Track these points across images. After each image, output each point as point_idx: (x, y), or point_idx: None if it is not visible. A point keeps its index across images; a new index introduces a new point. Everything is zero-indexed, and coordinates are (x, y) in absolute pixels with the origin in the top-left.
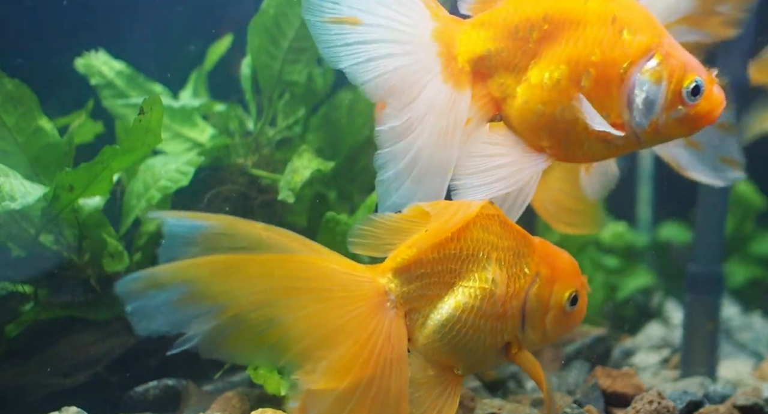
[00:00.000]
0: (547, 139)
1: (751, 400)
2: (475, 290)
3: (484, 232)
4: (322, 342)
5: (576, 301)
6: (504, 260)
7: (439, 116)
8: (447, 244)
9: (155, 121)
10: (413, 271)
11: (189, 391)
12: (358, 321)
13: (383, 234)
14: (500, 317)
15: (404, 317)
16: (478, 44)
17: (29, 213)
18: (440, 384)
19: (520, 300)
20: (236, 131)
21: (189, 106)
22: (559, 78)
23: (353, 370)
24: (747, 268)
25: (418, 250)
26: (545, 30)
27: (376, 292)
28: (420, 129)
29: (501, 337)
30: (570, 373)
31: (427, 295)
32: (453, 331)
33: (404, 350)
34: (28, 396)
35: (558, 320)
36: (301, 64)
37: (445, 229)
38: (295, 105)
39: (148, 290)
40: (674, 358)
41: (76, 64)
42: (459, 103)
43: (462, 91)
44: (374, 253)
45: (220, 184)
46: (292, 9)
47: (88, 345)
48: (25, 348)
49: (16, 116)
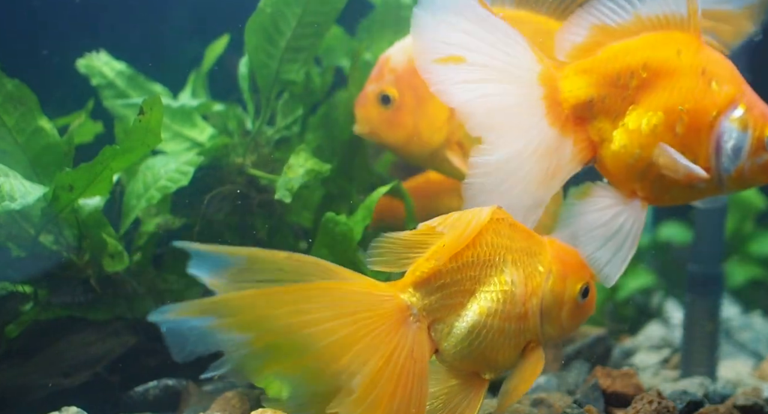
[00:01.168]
0: (639, 182)
1: (751, 400)
2: (497, 294)
3: (497, 236)
4: (350, 364)
5: (587, 292)
6: (519, 261)
7: (541, 158)
8: (463, 253)
9: (155, 121)
10: (433, 283)
11: (189, 391)
12: (382, 339)
13: (400, 249)
14: (522, 317)
15: (429, 329)
16: (581, 90)
17: (29, 213)
18: (462, 391)
19: (538, 298)
20: (235, 131)
21: (188, 105)
22: (656, 124)
23: (378, 386)
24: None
25: (436, 262)
26: (643, 78)
27: (397, 308)
28: (518, 168)
29: (524, 337)
30: (570, 373)
31: (449, 304)
32: (480, 337)
33: (426, 364)
34: (28, 396)
35: (573, 313)
36: (299, 64)
37: (463, 240)
38: (294, 104)
39: (179, 316)
40: (674, 358)
41: (77, 65)
42: (562, 146)
43: (566, 135)
44: (392, 268)
45: (220, 183)
46: (290, 8)
47: (88, 345)
48: (25, 348)
49: (16, 116)
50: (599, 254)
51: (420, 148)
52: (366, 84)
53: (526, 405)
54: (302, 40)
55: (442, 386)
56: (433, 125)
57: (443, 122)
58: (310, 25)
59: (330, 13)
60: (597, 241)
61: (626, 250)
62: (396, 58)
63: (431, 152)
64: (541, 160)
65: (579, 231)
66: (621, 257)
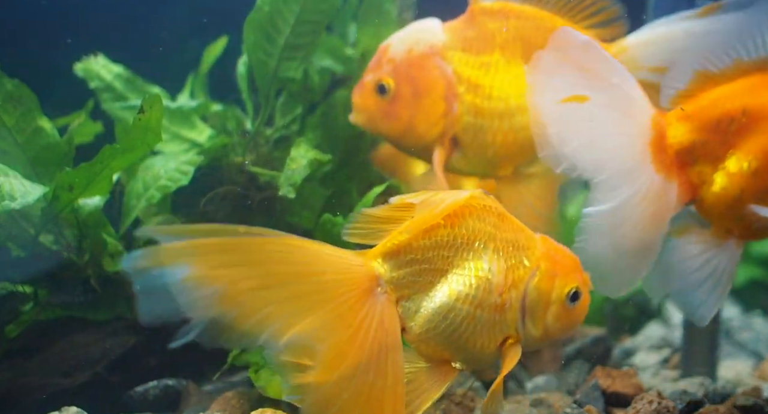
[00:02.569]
0: (737, 222)
1: (751, 400)
2: (470, 278)
3: (481, 223)
4: (315, 326)
5: (577, 297)
6: (502, 251)
7: (650, 203)
8: (439, 231)
9: (155, 120)
10: (403, 257)
11: (189, 391)
12: (349, 305)
13: (375, 223)
14: (498, 308)
15: (396, 305)
16: (684, 136)
17: (29, 213)
18: (429, 375)
19: (520, 292)
20: (234, 131)
21: (187, 106)
22: (757, 167)
23: (347, 356)
24: (747, 268)
25: (408, 235)
26: (743, 123)
27: (366, 275)
28: (629, 214)
29: (500, 330)
30: (570, 373)
31: (419, 281)
32: (447, 320)
33: (398, 336)
34: (28, 396)
35: (559, 316)
36: (297, 61)
37: (434, 216)
38: (292, 103)
39: (153, 268)
40: (674, 358)
41: (75, 68)
42: (667, 191)
43: (671, 180)
44: (367, 240)
45: (219, 183)
46: (288, 6)
47: (88, 345)
48: (25, 348)
49: (16, 116)
50: (695, 295)
51: (416, 140)
52: (364, 73)
53: (526, 405)
54: (300, 38)
55: (409, 365)
56: (429, 119)
57: (439, 116)
58: (308, 23)
59: (328, 11)
60: (693, 283)
61: (721, 289)
62: (395, 47)
63: (427, 145)
64: (649, 206)
65: (674, 269)
66: (716, 297)
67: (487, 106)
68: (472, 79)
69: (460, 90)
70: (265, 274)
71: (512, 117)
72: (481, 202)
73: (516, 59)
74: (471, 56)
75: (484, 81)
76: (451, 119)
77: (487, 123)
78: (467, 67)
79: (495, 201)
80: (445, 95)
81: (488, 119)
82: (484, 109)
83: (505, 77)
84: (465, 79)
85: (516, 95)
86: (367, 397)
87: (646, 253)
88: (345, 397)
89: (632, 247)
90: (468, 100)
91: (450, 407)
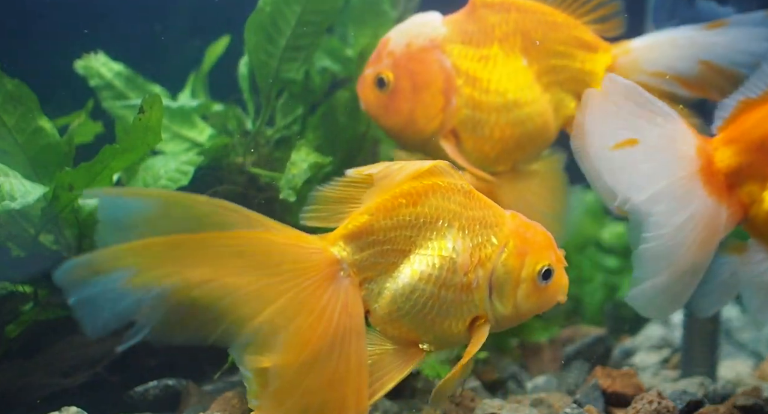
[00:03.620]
0: None
1: (751, 400)
2: (434, 258)
3: (445, 201)
4: (276, 316)
5: (549, 274)
6: (468, 229)
7: (704, 227)
8: (401, 210)
9: (155, 120)
10: (365, 238)
11: (189, 391)
12: (310, 292)
13: (334, 203)
14: (465, 288)
15: (360, 287)
16: (732, 158)
17: (29, 213)
18: (395, 357)
19: (487, 270)
20: (235, 131)
21: (187, 106)
22: None
23: (310, 342)
24: None
25: (369, 216)
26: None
27: (327, 261)
28: (685, 239)
29: (468, 310)
30: (570, 373)
31: (381, 263)
32: (411, 301)
33: (362, 320)
34: (28, 396)
35: (530, 294)
36: (299, 62)
37: (391, 185)
38: (293, 104)
39: (90, 277)
40: (674, 358)
41: (75, 66)
42: (719, 213)
43: (721, 203)
44: (327, 223)
45: (219, 183)
46: (289, 7)
47: (88, 345)
48: (25, 348)
49: (16, 116)
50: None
51: (414, 134)
52: (366, 66)
53: (526, 405)
54: (302, 39)
55: (376, 347)
56: (428, 112)
57: (438, 110)
58: (310, 24)
59: (329, 12)
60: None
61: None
62: (395, 41)
63: (426, 139)
64: (703, 229)
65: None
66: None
67: (485, 99)
68: (470, 72)
69: (458, 83)
70: (216, 268)
71: (509, 111)
72: (447, 180)
73: (515, 53)
74: (470, 49)
75: (482, 74)
76: (449, 113)
77: (484, 117)
78: (466, 60)
79: (462, 177)
80: (443, 89)
81: (486, 113)
82: (482, 103)
83: (504, 71)
84: (463, 72)
85: (514, 89)
86: (329, 381)
87: (696, 275)
88: (307, 383)
89: (685, 270)
90: (466, 93)
91: (450, 407)
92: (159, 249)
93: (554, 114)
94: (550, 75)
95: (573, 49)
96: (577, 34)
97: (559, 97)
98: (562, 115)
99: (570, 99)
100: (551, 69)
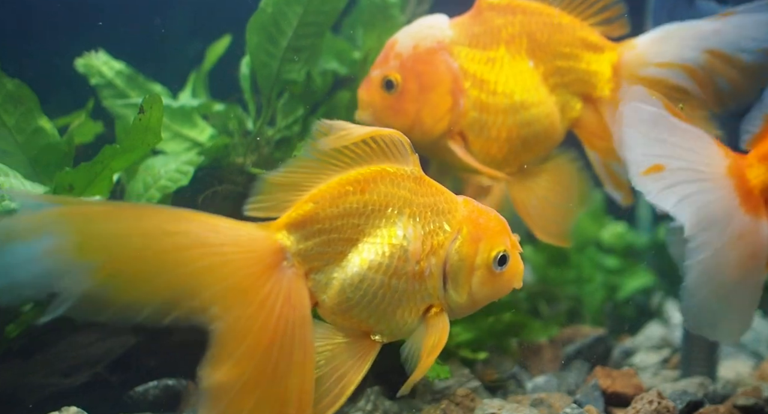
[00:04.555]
0: None
1: (751, 400)
2: (383, 247)
3: (394, 188)
4: (214, 303)
5: (505, 261)
6: (419, 216)
7: (745, 244)
8: (348, 198)
9: (155, 120)
10: (310, 227)
11: (189, 391)
12: (251, 280)
13: (278, 192)
14: (417, 276)
15: (306, 278)
16: (766, 174)
17: None
18: (349, 350)
19: (440, 258)
20: (235, 131)
21: (188, 105)
22: None
23: (250, 334)
24: None
25: (314, 204)
26: None
27: (270, 249)
28: (728, 258)
29: (421, 299)
30: (570, 373)
31: (328, 252)
32: (361, 291)
33: (307, 311)
34: (28, 396)
35: (485, 281)
36: (300, 63)
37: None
38: (294, 104)
39: (6, 243)
40: (674, 358)
41: (76, 64)
42: (759, 228)
43: (760, 219)
44: (272, 213)
45: (220, 183)
46: (291, 8)
47: (88, 345)
48: (25, 348)
49: (16, 116)
50: None
51: (422, 136)
52: (371, 68)
53: (526, 405)
54: (303, 40)
55: (326, 342)
56: (436, 114)
57: (445, 112)
58: (311, 25)
59: (331, 13)
60: None
61: None
62: (402, 43)
63: (433, 141)
64: (746, 247)
65: None
66: None
67: (492, 101)
68: (477, 74)
69: (466, 85)
70: (152, 242)
71: (516, 113)
72: (395, 166)
73: (521, 55)
74: (477, 51)
75: (489, 76)
76: (456, 114)
77: (492, 118)
78: (473, 63)
79: (416, 162)
80: (451, 90)
81: (493, 115)
82: (489, 105)
83: (510, 73)
84: (471, 74)
85: (520, 91)
86: (272, 375)
87: (752, 294)
88: (248, 377)
89: (737, 290)
90: (473, 95)
91: (450, 407)
92: (88, 216)
93: (561, 115)
94: (557, 76)
95: (579, 50)
96: (582, 36)
97: (565, 99)
98: (568, 116)
99: (576, 100)
100: (557, 70)
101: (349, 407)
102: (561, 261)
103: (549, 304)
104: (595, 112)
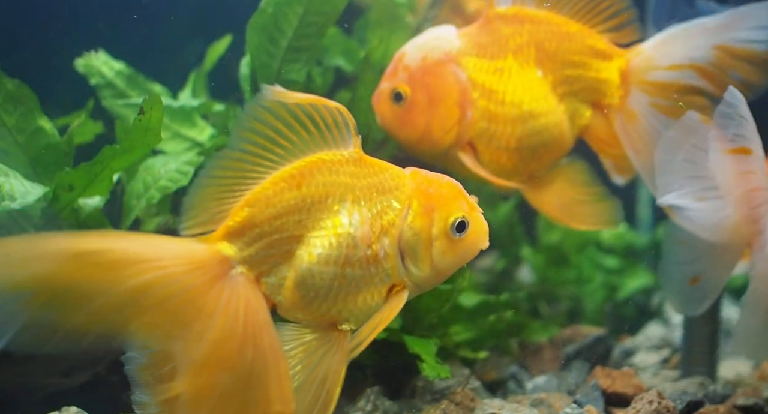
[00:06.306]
0: None
1: (751, 400)
2: (330, 238)
3: (333, 175)
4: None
5: (464, 226)
6: (364, 199)
7: None
8: (284, 196)
9: (155, 121)
10: (250, 233)
11: None
12: (199, 291)
13: (211, 203)
14: (371, 260)
15: (258, 282)
16: None
17: (29, 213)
18: (321, 346)
19: (393, 237)
20: None
21: (188, 105)
22: None
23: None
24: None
25: (250, 209)
26: None
27: (213, 260)
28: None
29: (381, 281)
30: (570, 373)
31: (274, 254)
32: (316, 286)
33: (266, 315)
34: (28, 396)
35: (446, 250)
36: (300, 64)
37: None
38: None
39: None
40: (674, 358)
41: (76, 65)
42: None
43: None
44: (209, 227)
45: None
46: (291, 8)
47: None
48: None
49: (16, 116)
50: None
51: (431, 147)
52: (381, 80)
53: (526, 405)
54: (304, 40)
55: (296, 343)
56: (445, 125)
57: (454, 123)
58: (312, 25)
59: (331, 13)
60: None
61: None
62: (410, 55)
63: (443, 152)
64: None
65: None
66: None
67: (500, 111)
68: (486, 84)
69: (474, 96)
70: (81, 266)
71: (525, 122)
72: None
73: (530, 64)
74: (485, 62)
75: (497, 86)
76: (465, 125)
77: (500, 128)
78: (481, 73)
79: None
80: (459, 101)
81: (502, 125)
82: (498, 115)
83: (519, 82)
84: (479, 85)
85: (529, 100)
86: (248, 380)
87: None
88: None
89: None
90: (482, 105)
91: (450, 407)
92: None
93: (570, 124)
94: (565, 85)
95: (587, 58)
96: (590, 44)
97: (574, 107)
98: (577, 124)
99: (585, 108)
100: (566, 79)
101: (349, 407)
102: (561, 261)
103: (549, 304)
104: (605, 119)
